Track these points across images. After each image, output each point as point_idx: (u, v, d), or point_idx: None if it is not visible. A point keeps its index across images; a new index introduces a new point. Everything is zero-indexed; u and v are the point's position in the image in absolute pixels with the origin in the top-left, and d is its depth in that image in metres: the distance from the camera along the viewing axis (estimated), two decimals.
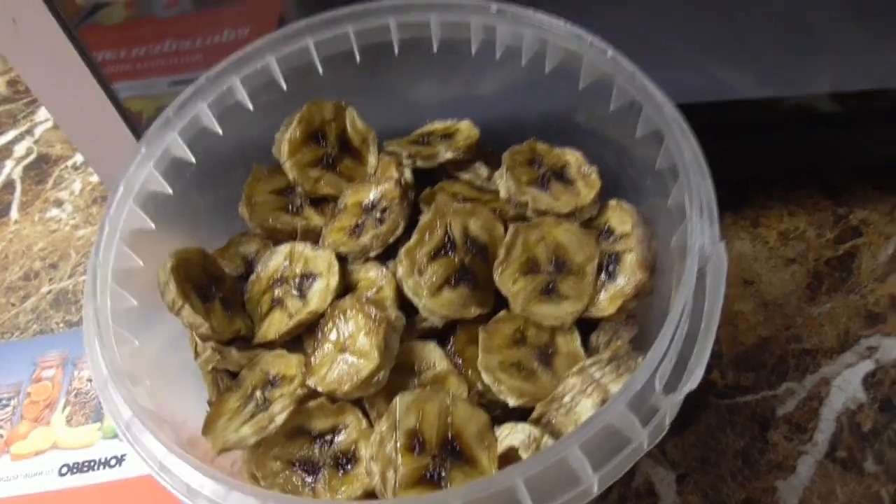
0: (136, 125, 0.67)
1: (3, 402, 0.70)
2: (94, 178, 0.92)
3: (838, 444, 0.64)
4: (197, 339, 0.49)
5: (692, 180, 0.44)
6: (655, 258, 0.49)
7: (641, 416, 0.38)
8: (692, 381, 0.39)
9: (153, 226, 0.49)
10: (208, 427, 0.46)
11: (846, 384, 0.67)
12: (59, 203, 0.91)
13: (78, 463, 0.65)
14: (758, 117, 0.70)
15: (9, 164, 0.96)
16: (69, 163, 0.95)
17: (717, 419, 0.66)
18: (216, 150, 0.53)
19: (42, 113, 1.02)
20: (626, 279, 0.48)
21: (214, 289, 0.50)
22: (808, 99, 0.68)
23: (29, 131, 1.00)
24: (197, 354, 0.49)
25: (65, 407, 0.69)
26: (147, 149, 0.50)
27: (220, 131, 0.53)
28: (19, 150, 0.98)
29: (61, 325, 0.79)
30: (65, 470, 0.65)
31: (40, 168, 0.95)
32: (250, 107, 0.54)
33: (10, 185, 0.94)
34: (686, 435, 0.65)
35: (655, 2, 0.67)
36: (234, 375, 0.50)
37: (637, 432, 0.37)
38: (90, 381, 0.69)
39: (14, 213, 0.91)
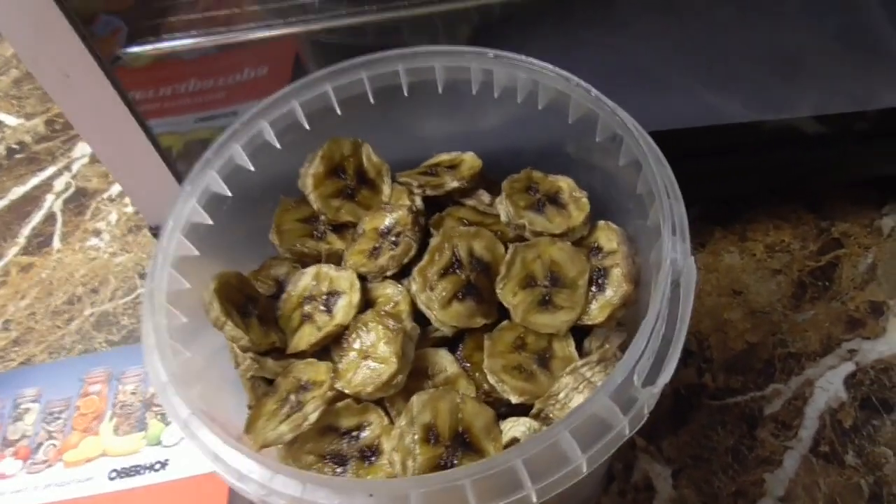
0: (168, 159, 0.74)
1: (55, 414, 0.77)
2: (129, 209, 1.01)
3: (821, 439, 0.70)
4: (237, 351, 0.56)
5: (665, 203, 0.51)
6: (639, 272, 0.56)
7: (622, 406, 0.44)
8: (665, 375, 0.45)
9: (197, 253, 0.56)
10: (250, 426, 0.53)
11: (828, 385, 0.73)
12: (97, 233, 0.99)
13: (126, 468, 0.72)
14: (744, 139, 0.75)
15: (49, 197, 1.04)
16: (105, 195, 1.03)
17: (709, 419, 0.72)
18: (249, 185, 0.60)
19: (78, 149, 1.10)
20: (614, 291, 0.56)
21: (251, 307, 0.57)
22: (792, 122, 0.74)
23: (67, 167, 1.08)
24: (237, 364, 0.56)
25: (111, 418, 0.76)
26: (191, 186, 0.57)
27: (252, 168, 0.60)
28: (59, 184, 1.06)
29: (104, 344, 0.87)
30: (114, 475, 0.71)
31: (79, 201, 1.03)
32: (278, 146, 0.60)
33: (51, 217, 1.02)
34: (681, 434, 0.71)
35: (646, 31, 0.72)
36: (269, 382, 0.57)
37: (619, 419, 0.44)
38: (133, 394, 0.77)
39: (56, 243, 0.99)
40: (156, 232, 0.57)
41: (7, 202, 1.05)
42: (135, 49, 0.69)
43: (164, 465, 0.71)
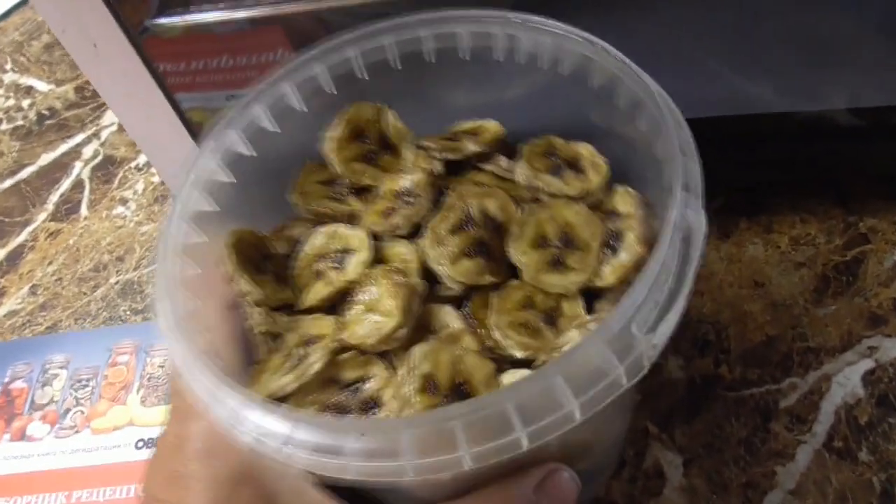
0: (197, 134, 0.74)
1: (84, 382, 0.80)
2: (156, 179, 1.03)
3: (835, 434, 0.69)
4: (249, 306, 0.56)
5: (679, 161, 0.50)
6: (654, 237, 0.55)
7: (618, 353, 0.43)
8: (666, 326, 0.44)
9: (217, 208, 0.57)
10: (255, 380, 0.53)
11: (846, 380, 0.72)
12: (124, 201, 1.01)
13: (153, 438, 0.73)
14: (774, 129, 0.75)
15: (78, 164, 1.07)
16: (133, 164, 1.06)
17: (724, 410, 0.72)
18: (272, 148, 0.60)
19: (107, 117, 1.13)
20: (627, 253, 0.56)
21: (267, 263, 0.58)
22: (824, 113, 0.73)
23: (96, 134, 1.11)
24: (248, 319, 0.56)
25: (139, 389, 0.77)
26: (214, 142, 0.58)
27: (278, 129, 0.60)
28: (87, 152, 1.09)
29: (128, 312, 0.88)
30: (140, 444, 0.73)
31: (107, 169, 1.06)
32: (304, 108, 0.61)
33: (79, 184, 1.05)
34: (694, 423, 0.71)
35: (674, 16, 0.71)
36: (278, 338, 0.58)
37: (614, 366, 0.43)
38: (161, 367, 0.79)
39: (84, 210, 1.01)
40: None
41: (36, 168, 1.08)
42: (163, 20, 0.70)
43: None
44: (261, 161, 0.60)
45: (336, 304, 0.57)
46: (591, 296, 0.57)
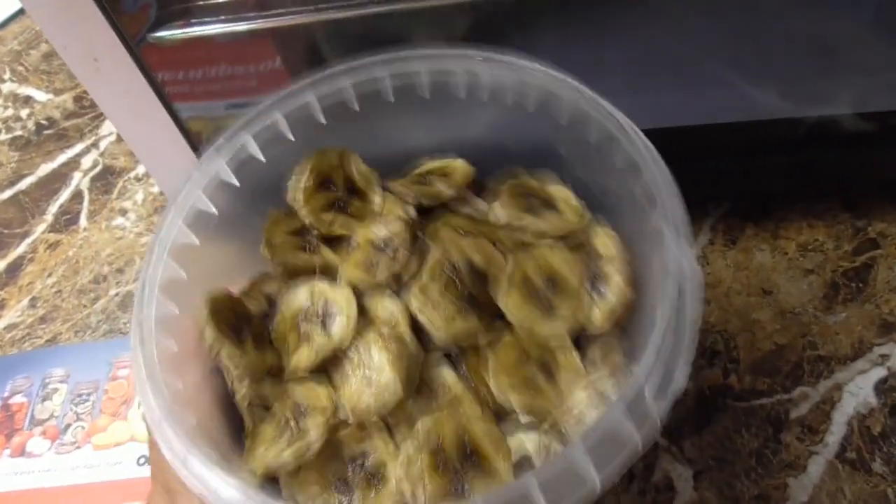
0: (197, 144, 0.71)
1: (84, 396, 0.76)
2: (155, 189, 0.98)
3: (848, 445, 0.66)
4: (234, 376, 0.52)
5: (667, 206, 0.47)
6: (636, 276, 0.53)
7: (636, 421, 0.41)
8: (676, 385, 0.42)
9: (185, 276, 0.53)
10: (249, 454, 0.50)
11: (858, 390, 0.69)
12: (123, 212, 0.97)
13: None
14: (780, 135, 0.70)
15: (77, 175, 1.03)
16: (132, 174, 1.01)
17: (734, 421, 0.68)
18: (234, 201, 0.57)
19: (106, 127, 1.08)
20: (616, 297, 0.52)
21: (245, 328, 0.53)
22: (830, 117, 0.69)
23: (94, 144, 1.07)
24: (234, 392, 0.52)
25: (140, 404, 0.72)
26: (175, 207, 0.54)
27: (238, 183, 0.56)
28: (86, 162, 1.05)
29: (128, 325, 0.85)
30: (142, 460, 0.70)
31: (106, 179, 1.02)
32: (262, 159, 0.57)
33: (78, 195, 1.01)
34: (704, 435, 0.67)
35: (677, 21, 0.67)
36: (267, 407, 0.53)
37: (633, 436, 0.41)
38: None
39: (83, 221, 0.98)
40: None
41: (36, 178, 1.03)
42: (162, 33, 0.66)
43: None
44: (224, 217, 0.56)
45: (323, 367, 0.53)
46: (582, 340, 0.53)
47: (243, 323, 0.54)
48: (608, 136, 0.51)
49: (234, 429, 0.53)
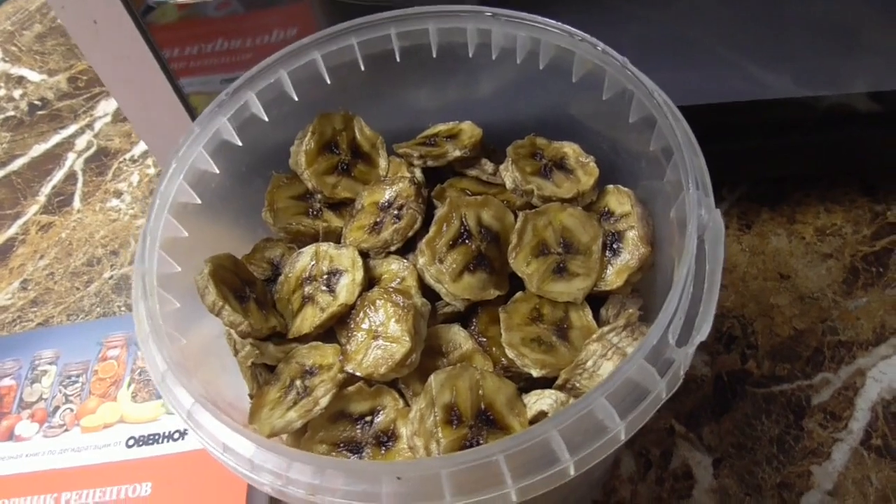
0: (190, 109, 0.69)
1: (73, 378, 0.73)
2: (151, 171, 0.95)
3: (873, 432, 0.64)
4: (236, 337, 0.50)
5: (686, 157, 0.45)
6: (654, 234, 0.50)
7: (658, 368, 0.40)
8: (701, 334, 0.41)
9: (186, 234, 0.51)
10: (254, 416, 0.48)
11: (882, 375, 0.67)
12: (118, 194, 0.94)
13: (144, 436, 0.67)
14: (795, 116, 0.68)
15: (71, 156, 0.99)
16: (127, 156, 0.98)
17: (753, 407, 0.66)
18: (237, 161, 0.55)
19: (101, 108, 1.05)
20: (631, 254, 0.50)
21: (248, 290, 0.52)
22: (847, 98, 0.67)
23: (89, 125, 1.03)
24: (236, 352, 0.50)
25: (130, 384, 0.71)
26: (177, 163, 0.52)
27: (240, 143, 0.54)
28: (80, 143, 1.01)
29: (123, 308, 0.82)
30: (131, 442, 0.67)
31: (100, 160, 0.98)
32: (266, 118, 0.55)
33: (72, 176, 0.97)
34: (723, 421, 0.65)
35: (698, 4, 0.66)
36: (270, 369, 0.51)
37: (655, 382, 0.39)
38: None
39: (77, 203, 0.94)
40: None
41: (28, 159, 0.99)
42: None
43: (182, 434, 0.66)
44: (227, 177, 0.54)
45: (330, 328, 0.52)
46: (594, 299, 0.51)
47: (246, 285, 0.52)
48: (622, 90, 0.50)
49: (243, 395, 0.52)
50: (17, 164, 1.00)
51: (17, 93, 1.09)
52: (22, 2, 1.24)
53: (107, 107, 1.04)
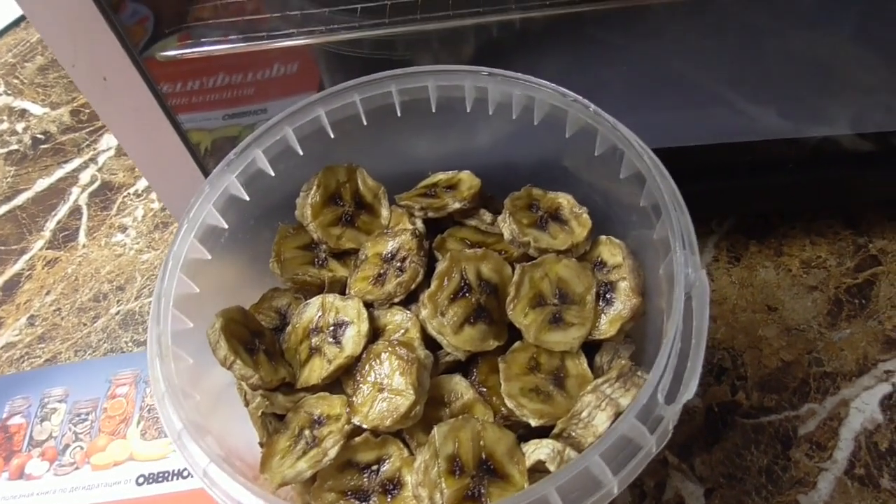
0: (198, 155, 0.70)
1: (83, 416, 0.74)
2: (156, 205, 0.95)
3: (856, 461, 0.65)
4: (247, 388, 0.52)
5: (673, 217, 0.47)
6: (644, 284, 0.53)
7: (649, 425, 0.42)
8: (688, 392, 0.42)
9: (196, 290, 0.53)
10: (265, 465, 0.50)
11: (864, 406, 0.68)
12: (123, 228, 0.94)
13: (154, 473, 0.68)
14: (781, 154, 0.71)
15: (75, 190, 1.00)
16: (131, 190, 0.98)
17: (743, 438, 0.67)
18: (244, 215, 0.57)
19: (104, 141, 1.05)
20: (623, 304, 0.52)
21: (257, 342, 0.53)
22: (831, 138, 0.69)
23: (93, 159, 1.03)
24: (247, 403, 0.53)
25: (139, 422, 0.72)
26: (188, 223, 0.54)
27: (247, 197, 0.56)
28: (84, 177, 1.01)
29: (130, 344, 0.82)
30: (141, 480, 0.68)
31: (104, 195, 0.98)
32: (272, 173, 0.57)
33: (77, 210, 0.97)
34: (714, 452, 0.67)
35: (680, 44, 0.68)
36: (280, 417, 0.53)
37: (647, 439, 0.41)
38: None
39: (82, 238, 0.94)
40: None
41: (32, 194, 1.00)
42: (169, 52, 0.66)
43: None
44: (234, 231, 0.56)
45: (337, 378, 0.53)
46: (588, 347, 0.53)
47: (255, 337, 0.54)
48: (612, 147, 0.52)
49: (253, 443, 0.54)
50: (21, 199, 1.01)
51: (19, 126, 1.10)
52: (23, 34, 1.25)
53: (110, 140, 1.05)
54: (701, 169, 0.50)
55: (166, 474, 0.68)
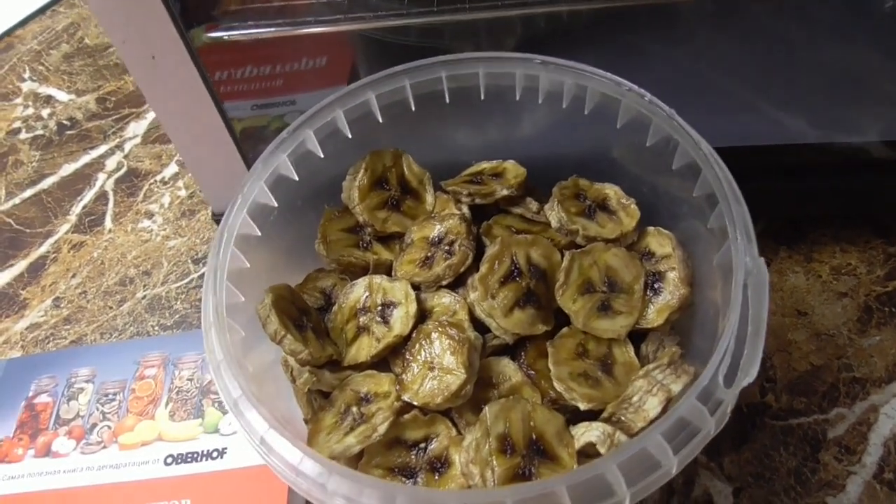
0: (236, 139, 0.69)
1: (110, 396, 0.73)
2: (182, 193, 0.96)
3: (886, 466, 0.65)
4: (294, 365, 0.52)
5: (732, 207, 0.48)
6: (693, 275, 0.53)
7: (709, 407, 0.42)
8: (749, 376, 0.43)
9: (248, 265, 0.53)
10: (312, 440, 0.50)
11: (894, 412, 0.68)
12: (149, 215, 0.94)
13: (182, 454, 0.68)
14: (810, 160, 0.71)
15: (101, 176, 1.00)
16: (157, 178, 0.98)
17: (772, 439, 0.67)
18: (293, 195, 0.58)
19: (131, 129, 1.05)
20: (671, 294, 0.53)
21: (305, 319, 0.54)
22: (860, 145, 0.69)
23: (119, 146, 1.03)
24: (294, 379, 0.53)
25: (167, 403, 0.72)
26: (241, 199, 0.55)
27: (297, 177, 0.57)
28: (110, 164, 1.01)
29: (157, 328, 0.82)
30: (170, 460, 0.68)
31: (131, 181, 0.98)
32: (321, 155, 0.57)
33: (103, 196, 0.97)
34: (743, 452, 0.67)
35: (714, 50, 0.69)
36: (324, 395, 0.53)
37: (706, 421, 0.42)
38: (190, 380, 0.73)
39: (108, 223, 0.94)
40: (219, 219, 0.55)
41: (58, 178, 1.00)
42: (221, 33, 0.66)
43: (221, 453, 0.67)
44: (283, 210, 0.56)
45: (383, 357, 0.54)
46: (634, 336, 0.54)
47: (303, 315, 0.54)
48: (666, 138, 0.52)
49: (292, 418, 0.54)
50: (46, 183, 1.00)
51: (45, 112, 1.09)
52: (48, 21, 1.24)
53: (137, 128, 1.04)
54: (733, 171, 0.50)
55: (195, 455, 0.67)
